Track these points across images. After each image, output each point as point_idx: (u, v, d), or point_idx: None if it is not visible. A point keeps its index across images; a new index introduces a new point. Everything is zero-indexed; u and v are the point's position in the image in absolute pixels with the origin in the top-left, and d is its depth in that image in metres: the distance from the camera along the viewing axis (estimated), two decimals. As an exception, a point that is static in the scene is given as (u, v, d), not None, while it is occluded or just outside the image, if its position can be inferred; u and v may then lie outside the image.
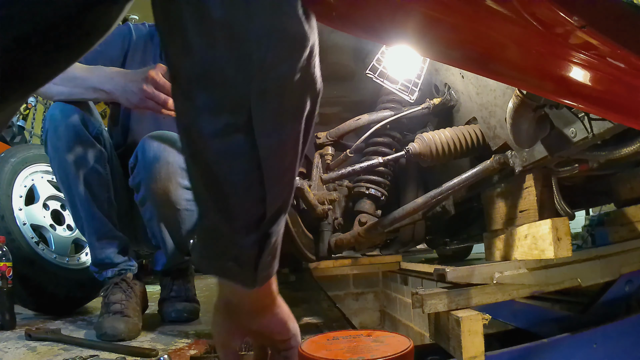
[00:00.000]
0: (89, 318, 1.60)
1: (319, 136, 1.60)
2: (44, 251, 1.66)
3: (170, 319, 1.53)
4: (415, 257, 2.64)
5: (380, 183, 1.60)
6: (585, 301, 1.19)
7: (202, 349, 1.07)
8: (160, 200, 1.37)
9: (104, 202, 1.38)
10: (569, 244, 0.98)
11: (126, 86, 1.24)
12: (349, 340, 0.86)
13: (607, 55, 0.51)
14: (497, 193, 1.22)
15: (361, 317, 2.12)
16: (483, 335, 0.87)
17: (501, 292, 0.98)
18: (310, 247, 1.57)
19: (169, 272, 1.60)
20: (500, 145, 1.15)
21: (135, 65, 1.53)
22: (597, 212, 2.28)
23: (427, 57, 1.28)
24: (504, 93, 1.07)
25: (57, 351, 1.13)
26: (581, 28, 0.48)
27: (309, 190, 1.45)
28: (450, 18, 0.52)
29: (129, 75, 1.26)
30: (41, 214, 1.74)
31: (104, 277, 1.40)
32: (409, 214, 1.30)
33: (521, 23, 0.50)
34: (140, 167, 1.36)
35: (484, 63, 0.58)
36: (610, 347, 1.02)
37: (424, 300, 0.92)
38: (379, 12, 0.53)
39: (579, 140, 0.89)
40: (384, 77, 1.39)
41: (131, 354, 1.08)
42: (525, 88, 0.80)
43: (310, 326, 1.42)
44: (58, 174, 1.36)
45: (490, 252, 1.26)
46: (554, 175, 1.13)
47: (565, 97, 0.60)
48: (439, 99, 1.40)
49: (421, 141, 1.24)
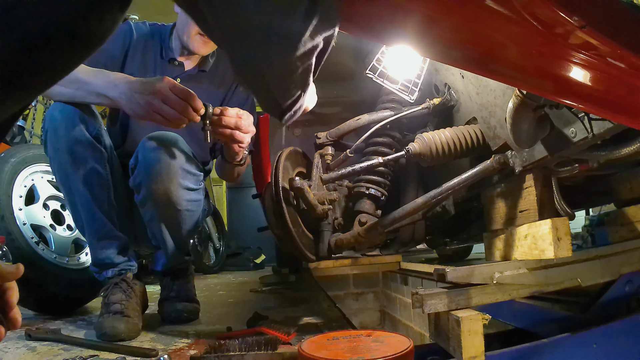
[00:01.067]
0: (89, 318, 1.61)
1: (319, 136, 1.60)
2: (44, 251, 1.66)
3: (170, 319, 1.53)
4: (415, 257, 2.64)
5: (380, 183, 1.60)
6: (585, 301, 1.19)
7: (202, 349, 1.07)
8: (161, 201, 1.37)
9: (103, 202, 1.38)
10: (569, 244, 0.98)
11: (132, 97, 1.20)
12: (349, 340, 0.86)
13: (607, 55, 0.51)
14: (497, 193, 1.22)
15: (361, 317, 2.12)
16: (483, 335, 0.87)
17: (501, 292, 0.98)
18: (310, 247, 1.57)
19: (169, 272, 1.60)
20: (500, 145, 1.15)
21: (135, 64, 1.54)
22: (597, 212, 2.28)
23: (427, 57, 1.28)
24: (504, 93, 1.07)
25: (57, 351, 1.13)
26: (581, 28, 0.48)
27: (309, 190, 1.45)
28: (450, 18, 0.52)
29: (135, 85, 1.22)
30: (41, 214, 1.74)
31: (104, 277, 1.40)
32: (409, 214, 1.30)
33: (521, 23, 0.50)
34: (141, 168, 1.36)
35: (484, 63, 0.58)
36: (610, 347, 1.02)
37: (424, 300, 0.92)
38: (379, 12, 0.53)
39: (579, 140, 0.89)
40: (384, 77, 1.39)
41: (131, 354, 1.08)
42: (525, 88, 0.80)
43: (310, 326, 1.42)
44: (58, 175, 1.36)
45: (490, 252, 1.26)
46: (554, 175, 1.13)
47: (565, 97, 0.60)
48: (439, 99, 1.40)
49: (421, 141, 1.24)
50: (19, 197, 1.68)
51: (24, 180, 1.74)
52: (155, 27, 1.64)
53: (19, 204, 1.67)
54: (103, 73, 1.28)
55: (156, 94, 1.18)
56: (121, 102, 1.22)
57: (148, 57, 1.57)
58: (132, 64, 1.53)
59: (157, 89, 1.18)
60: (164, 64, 1.58)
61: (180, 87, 1.21)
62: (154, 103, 1.18)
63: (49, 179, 1.82)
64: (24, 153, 1.79)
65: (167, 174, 1.35)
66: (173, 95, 1.18)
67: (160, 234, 1.46)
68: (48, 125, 1.32)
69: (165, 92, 1.18)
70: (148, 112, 1.19)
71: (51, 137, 1.32)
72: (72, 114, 1.31)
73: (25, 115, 3.19)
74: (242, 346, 1.00)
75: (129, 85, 1.22)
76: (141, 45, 1.58)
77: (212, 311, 1.81)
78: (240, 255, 5.33)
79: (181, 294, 1.59)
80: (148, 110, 1.19)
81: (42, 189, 1.78)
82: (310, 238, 1.58)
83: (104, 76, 1.26)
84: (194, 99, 1.21)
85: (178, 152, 1.37)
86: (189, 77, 1.60)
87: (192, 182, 1.42)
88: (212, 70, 1.65)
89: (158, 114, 1.19)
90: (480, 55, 0.56)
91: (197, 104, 1.22)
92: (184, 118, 1.20)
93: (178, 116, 1.19)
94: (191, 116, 1.21)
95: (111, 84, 1.23)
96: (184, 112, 1.20)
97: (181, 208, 1.41)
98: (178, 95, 1.19)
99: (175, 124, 1.22)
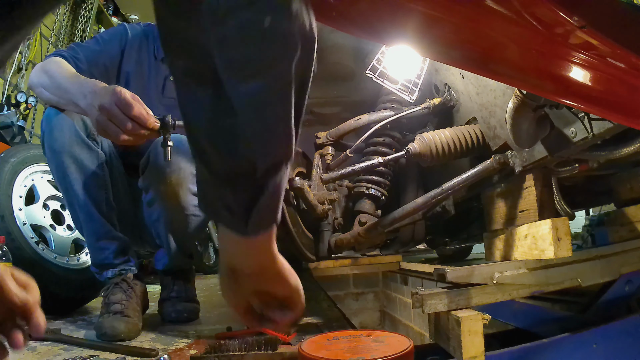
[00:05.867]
0: (89, 318, 1.60)
1: (319, 136, 1.60)
2: (44, 251, 1.66)
3: (170, 319, 1.53)
4: (415, 257, 2.64)
5: (380, 183, 1.60)
6: (585, 301, 1.19)
7: (202, 349, 1.07)
8: (169, 204, 1.37)
9: (102, 203, 1.38)
10: (569, 244, 0.98)
11: (91, 111, 1.07)
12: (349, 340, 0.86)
13: (607, 55, 0.51)
14: (497, 193, 1.22)
15: (361, 317, 2.12)
16: (483, 335, 0.87)
17: (501, 292, 0.98)
18: (310, 247, 1.57)
19: (170, 273, 1.60)
20: (500, 145, 1.15)
21: (131, 63, 1.55)
22: (597, 212, 2.28)
23: (427, 57, 1.28)
24: (504, 93, 1.07)
25: (57, 351, 1.12)
26: (581, 28, 0.48)
27: (309, 190, 1.45)
28: (450, 18, 0.52)
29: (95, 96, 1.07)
30: (41, 214, 1.74)
31: (104, 277, 1.40)
32: (409, 214, 1.30)
33: (521, 23, 0.50)
34: (152, 169, 1.37)
35: (484, 63, 0.58)
36: (610, 347, 1.02)
37: (424, 300, 0.92)
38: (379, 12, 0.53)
39: (579, 140, 0.89)
40: (384, 77, 1.39)
41: (131, 354, 1.08)
42: (525, 88, 0.80)
43: (310, 326, 1.42)
44: (56, 176, 1.36)
45: (490, 252, 1.26)
46: (554, 175, 1.13)
47: (565, 97, 0.60)
48: (439, 99, 1.40)
49: (421, 141, 1.24)
50: (19, 197, 1.68)
51: (24, 180, 1.74)
52: (149, 27, 1.64)
53: (19, 204, 1.67)
54: (80, 81, 1.18)
55: (101, 109, 1.04)
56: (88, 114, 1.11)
57: (143, 57, 1.57)
58: (129, 62, 1.54)
59: (101, 104, 1.04)
60: (157, 64, 1.58)
61: (125, 100, 1.03)
62: (100, 121, 1.04)
63: (48, 179, 1.82)
64: (24, 153, 1.79)
65: (177, 179, 1.35)
66: (116, 111, 1.02)
67: (165, 235, 1.46)
68: (45, 127, 1.33)
69: (109, 107, 1.03)
70: (99, 129, 1.06)
71: (48, 139, 1.32)
72: (69, 116, 1.31)
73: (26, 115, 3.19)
74: (242, 346, 1.00)
75: (93, 95, 1.09)
76: (136, 44, 1.58)
77: (212, 311, 1.81)
78: (240, 255, 5.33)
79: (181, 294, 1.59)
80: (98, 128, 1.06)
81: (42, 189, 1.78)
82: (310, 238, 1.58)
83: (80, 85, 1.16)
84: (138, 114, 1.04)
85: (190, 156, 1.37)
86: None
87: None
88: None
89: (106, 132, 1.05)
90: (480, 55, 0.57)
91: (141, 118, 1.04)
92: (129, 138, 1.05)
93: (123, 136, 1.04)
94: (139, 134, 1.05)
95: (82, 94, 1.13)
96: (129, 131, 1.04)
97: (188, 212, 1.41)
98: (122, 109, 1.03)
99: (127, 143, 1.07)
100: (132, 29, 1.60)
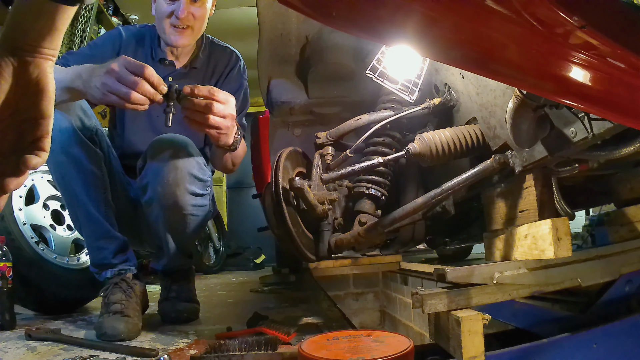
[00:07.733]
0: (89, 318, 1.61)
1: (319, 136, 1.60)
2: (44, 251, 1.66)
3: (170, 319, 1.53)
4: (415, 257, 2.64)
5: (380, 183, 1.60)
6: (585, 301, 1.19)
7: (202, 349, 1.07)
8: (167, 204, 1.37)
9: (100, 203, 1.38)
10: (569, 244, 0.97)
11: (90, 81, 1.12)
12: (349, 340, 0.86)
13: (607, 55, 0.51)
14: (497, 193, 1.22)
15: (361, 317, 2.12)
16: (483, 335, 0.87)
17: (501, 292, 0.98)
18: (310, 247, 1.57)
19: (169, 273, 1.60)
20: (500, 145, 1.14)
21: None
22: (597, 212, 2.28)
23: (427, 57, 1.28)
24: (504, 93, 1.07)
25: (57, 351, 1.13)
26: (581, 28, 0.48)
27: (309, 190, 1.45)
28: (450, 18, 0.52)
29: (95, 70, 1.14)
30: (41, 214, 1.74)
31: (103, 277, 1.40)
32: (409, 214, 1.30)
33: (521, 23, 0.50)
34: (148, 169, 1.37)
35: (484, 63, 0.58)
36: (610, 347, 1.02)
37: (424, 300, 0.92)
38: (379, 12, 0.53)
39: (579, 140, 0.89)
40: (384, 77, 1.39)
41: (131, 354, 1.08)
42: (525, 88, 0.80)
43: (310, 326, 1.42)
44: (54, 176, 1.36)
45: (490, 252, 1.26)
46: (554, 175, 1.13)
47: (565, 97, 0.60)
48: (439, 99, 1.40)
49: (421, 141, 1.24)
50: (19, 197, 1.68)
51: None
52: (145, 28, 1.64)
53: (19, 204, 1.67)
54: (73, 68, 1.21)
55: (109, 72, 1.09)
56: (84, 90, 1.15)
57: (139, 58, 1.57)
58: None
59: (110, 67, 1.09)
60: (155, 65, 1.58)
61: (136, 63, 1.11)
62: (108, 83, 1.09)
63: (48, 179, 1.82)
64: (24, 153, 1.78)
65: (174, 179, 1.34)
66: (126, 72, 1.09)
67: (163, 235, 1.46)
68: None
69: (119, 69, 1.08)
70: (104, 93, 1.10)
71: None
72: (66, 116, 1.31)
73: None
74: (242, 346, 1.00)
75: (90, 71, 1.14)
76: (132, 46, 1.58)
77: (212, 311, 1.81)
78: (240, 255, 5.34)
79: (181, 294, 1.59)
80: (104, 91, 1.10)
81: (42, 189, 1.78)
82: (310, 238, 1.58)
83: (73, 70, 1.20)
84: (150, 74, 1.11)
85: (187, 156, 1.37)
86: (180, 74, 1.60)
87: (199, 187, 1.41)
88: (203, 66, 1.65)
89: (113, 94, 1.09)
90: (480, 55, 0.56)
91: (153, 79, 1.11)
92: (141, 97, 1.10)
93: (134, 95, 1.09)
94: (149, 94, 1.11)
95: (77, 74, 1.17)
96: (141, 90, 1.09)
97: (186, 212, 1.41)
98: (132, 71, 1.09)
99: (133, 104, 1.11)
100: (126, 31, 1.60)
